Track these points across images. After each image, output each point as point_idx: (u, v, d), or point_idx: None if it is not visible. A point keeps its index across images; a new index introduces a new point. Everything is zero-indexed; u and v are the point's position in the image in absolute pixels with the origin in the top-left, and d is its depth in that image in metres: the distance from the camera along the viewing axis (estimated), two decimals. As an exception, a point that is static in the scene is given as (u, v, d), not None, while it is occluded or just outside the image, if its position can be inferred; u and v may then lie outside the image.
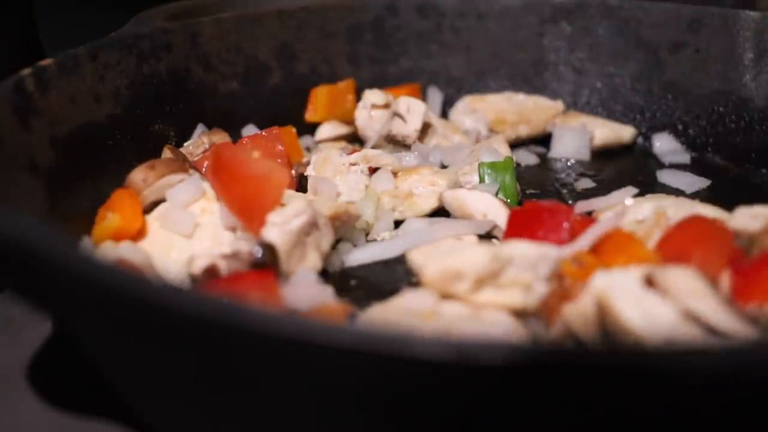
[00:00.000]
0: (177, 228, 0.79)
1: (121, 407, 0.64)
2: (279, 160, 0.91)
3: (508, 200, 0.88)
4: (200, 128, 1.00)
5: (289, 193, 0.84)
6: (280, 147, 0.91)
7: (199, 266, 0.71)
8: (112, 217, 0.78)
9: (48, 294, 0.50)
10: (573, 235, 0.72)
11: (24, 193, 0.72)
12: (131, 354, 0.53)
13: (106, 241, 0.77)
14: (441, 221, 0.85)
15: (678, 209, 0.78)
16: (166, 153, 0.92)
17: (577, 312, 0.61)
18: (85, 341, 0.59)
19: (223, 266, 0.71)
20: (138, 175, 0.84)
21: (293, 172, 0.93)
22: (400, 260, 0.80)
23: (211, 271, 0.71)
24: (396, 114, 1.00)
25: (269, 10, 1.10)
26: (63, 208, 0.76)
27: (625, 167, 1.07)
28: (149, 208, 0.83)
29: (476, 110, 1.11)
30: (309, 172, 0.92)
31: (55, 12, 1.36)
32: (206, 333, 0.45)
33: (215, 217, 0.80)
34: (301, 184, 0.93)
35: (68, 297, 0.49)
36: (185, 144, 0.97)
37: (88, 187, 0.82)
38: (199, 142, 0.95)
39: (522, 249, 0.65)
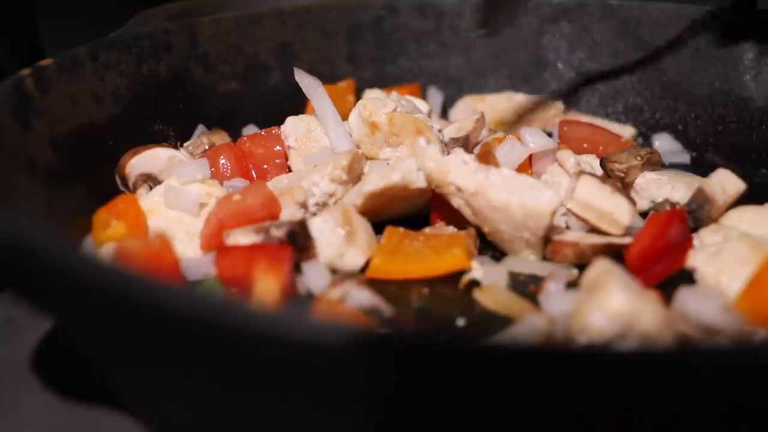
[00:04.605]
0: (182, 206, 0.80)
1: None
2: (277, 160, 0.91)
3: None
4: (200, 129, 1.00)
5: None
6: (278, 147, 0.91)
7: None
8: (116, 224, 0.77)
9: (48, 294, 0.50)
10: None
11: (24, 193, 0.72)
12: (131, 354, 0.54)
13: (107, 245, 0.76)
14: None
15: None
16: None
17: None
18: (85, 340, 0.59)
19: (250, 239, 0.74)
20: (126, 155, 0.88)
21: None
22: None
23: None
24: None
25: (269, 10, 1.10)
26: (63, 208, 0.76)
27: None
28: (137, 184, 0.86)
29: (476, 110, 1.11)
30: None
31: (55, 12, 1.36)
32: (206, 333, 0.45)
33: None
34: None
35: (68, 297, 0.49)
36: (185, 144, 0.96)
37: (89, 187, 0.82)
38: (199, 142, 0.95)
39: None
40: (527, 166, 0.88)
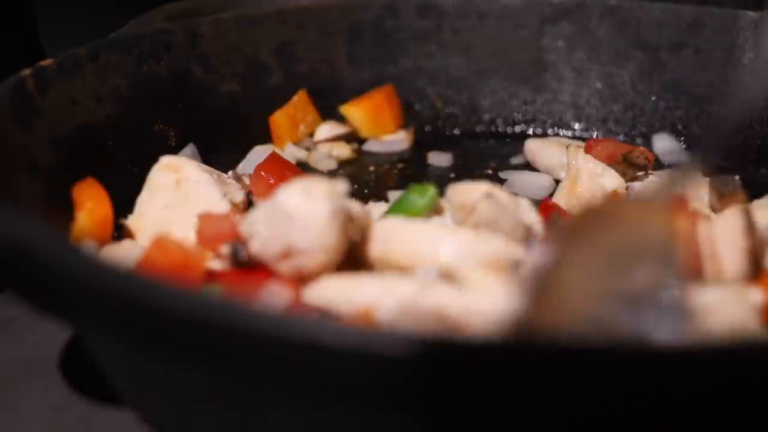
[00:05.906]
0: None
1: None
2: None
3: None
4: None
5: None
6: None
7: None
8: (79, 216, 0.75)
9: (48, 295, 0.50)
10: None
11: (24, 193, 0.72)
12: (132, 356, 0.53)
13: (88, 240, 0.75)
14: None
15: None
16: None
17: None
18: (88, 342, 0.59)
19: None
20: None
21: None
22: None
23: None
24: None
25: (269, 10, 1.10)
26: (63, 208, 0.76)
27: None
28: None
29: None
30: None
31: (55, 12, 1.36)
32: (210, 336, 0.45)
33: (198, 184, 0.79)
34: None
35: (68, 298, 0.49)
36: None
37: (88, 187, 0.82)
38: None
39: None
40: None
